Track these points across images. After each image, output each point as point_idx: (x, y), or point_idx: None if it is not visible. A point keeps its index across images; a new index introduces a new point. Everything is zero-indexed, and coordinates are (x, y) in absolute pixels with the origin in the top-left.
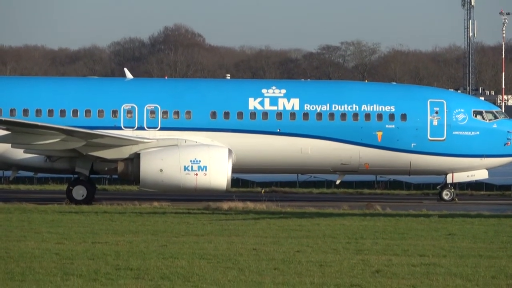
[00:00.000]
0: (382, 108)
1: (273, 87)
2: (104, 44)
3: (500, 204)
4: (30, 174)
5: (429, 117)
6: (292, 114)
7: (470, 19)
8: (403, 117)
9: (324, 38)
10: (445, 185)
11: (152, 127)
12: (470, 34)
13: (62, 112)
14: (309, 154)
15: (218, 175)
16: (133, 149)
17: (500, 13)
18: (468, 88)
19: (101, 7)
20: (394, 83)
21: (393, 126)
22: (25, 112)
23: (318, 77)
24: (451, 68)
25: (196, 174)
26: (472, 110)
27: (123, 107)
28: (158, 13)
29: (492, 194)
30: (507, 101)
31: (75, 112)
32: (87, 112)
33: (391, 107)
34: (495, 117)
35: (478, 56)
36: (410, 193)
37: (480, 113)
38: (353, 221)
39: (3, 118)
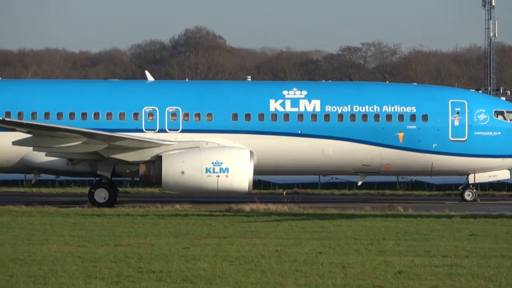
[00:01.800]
0: (403, 109)
1: (294, 89)
2: (125, 46)
3: None
4: (52, 177)
5: (450, 118)
6: (313, 116)
7: (490, 19)
8: (425, 117)
9: (344, 39)
10: (467, 186)
11: (174, 129)
12: (491, 34)
13: (84, 115)
14: (330, 156)
15: (240, 177)
16: (155, 151)
17: None
18: (489, 88)
19: (122, 10)
20: (415, 83)
21: (414, 126)
22: (47, 115)
23: (339, 78)
24: (472, 69)
25: (218, 176)
26: (494, 110)
27: (145, 110)
28: (179, 16)
29: None
30: None
31: (96, 115)
32: (109, 114)
33: (412, 108)
34: None
35: (499, 56)
36: (432, 194)
37: (502, 113)
38: (375, 222)
39: (25, 121)
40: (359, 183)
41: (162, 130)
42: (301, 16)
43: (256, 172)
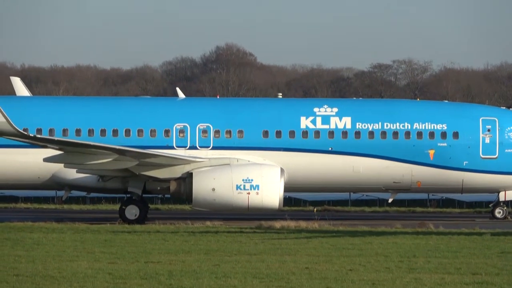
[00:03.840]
0: (434, 126)
1: (325, 106)
2: (156, 63)
3: None
4: (83, 194)
5: (481, 135)
6: (344, 133)
7: None
8: (455, 135)
9: (375, 56)
10: (497, 203)
11: (204, 146)
12: None
13: (115, 132)
14: (361, 173)
15: (270, 194)
16: (186, 168)
17: None
18: None
19: (153, 27)
20: (446, 101)
21: (445, 144)
22: (78, 132)
23: (369, 96)
24: (503, 86)
25: (249, 193)
26: None
27: (176, 127)
28: (210, 33)
29: None
30: None
31: (127, 132)
32: (140, 131)
33: (443, 125)
34: None
35: None
36: (463, 211)
37: None
38: (405, 239)
39: (56, 138)
40: (390, 200)
41: (193, 147)
42: (331, 33)
43: (287, 189)
